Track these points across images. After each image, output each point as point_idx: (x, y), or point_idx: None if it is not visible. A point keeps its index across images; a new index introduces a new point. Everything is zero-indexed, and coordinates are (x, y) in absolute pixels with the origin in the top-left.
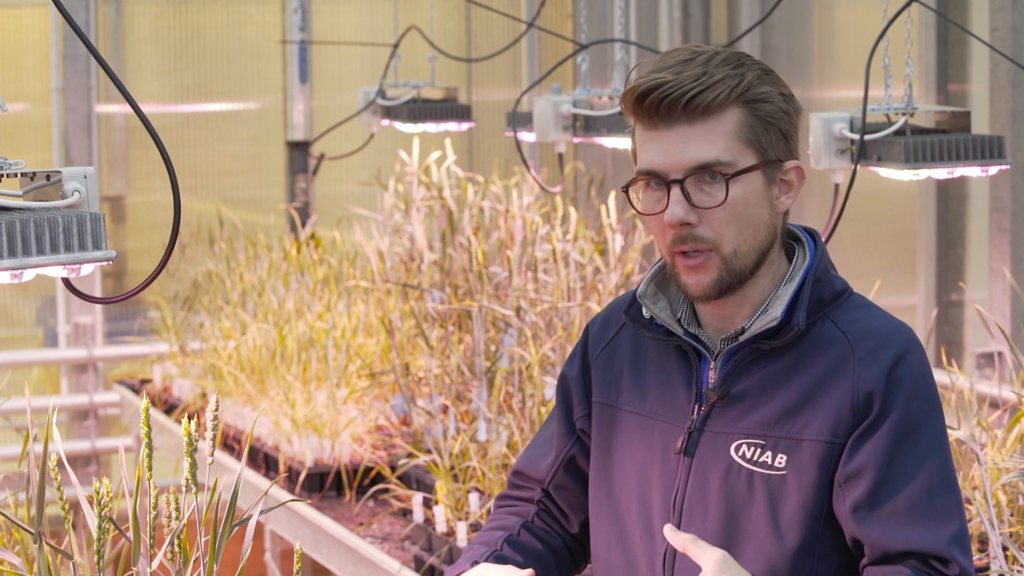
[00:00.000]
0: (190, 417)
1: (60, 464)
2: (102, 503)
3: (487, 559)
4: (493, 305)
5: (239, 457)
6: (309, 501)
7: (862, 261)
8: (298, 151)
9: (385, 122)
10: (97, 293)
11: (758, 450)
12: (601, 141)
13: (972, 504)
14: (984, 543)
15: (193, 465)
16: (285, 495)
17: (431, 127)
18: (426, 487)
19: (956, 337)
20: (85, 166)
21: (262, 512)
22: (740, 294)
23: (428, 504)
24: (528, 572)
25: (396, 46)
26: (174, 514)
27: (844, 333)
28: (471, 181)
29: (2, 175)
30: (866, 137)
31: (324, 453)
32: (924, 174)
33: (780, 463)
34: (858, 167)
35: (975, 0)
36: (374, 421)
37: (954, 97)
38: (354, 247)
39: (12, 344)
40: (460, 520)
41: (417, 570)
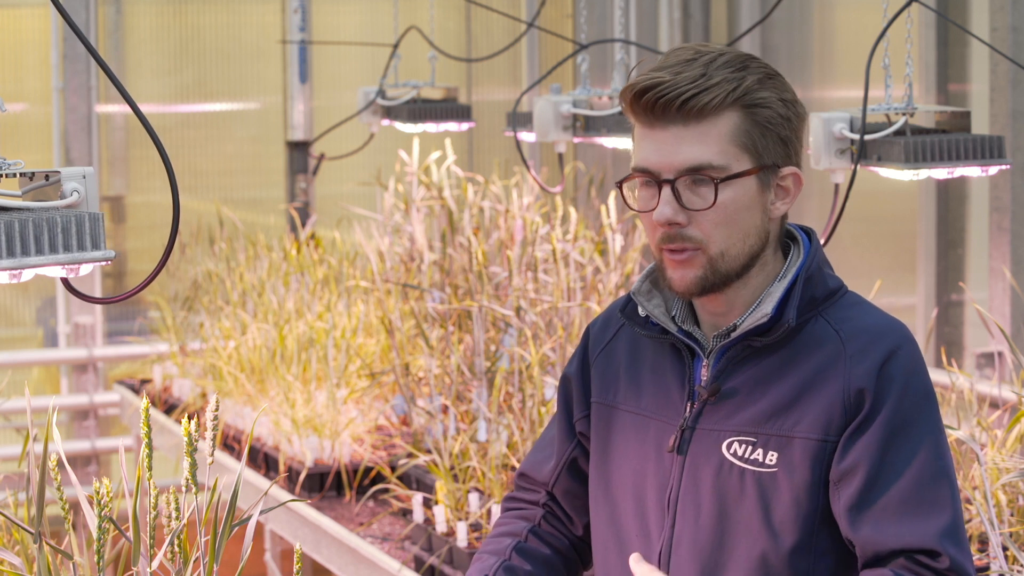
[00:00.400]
0: (190, 417)
1: (60, 464)
2: (102, 503)
3: (496, 571)
4: (493, 305)
5: (239, 457)
6: (309, 501)
7: (862, 261)
8: (298, 151)
9: (385, 122)
10: (97, 293)
11: (749, 447)
12: (601, 141)
13: (972, 504)
14: (984, 543)
15: (193, 465)
16: (285, 495)
17: (431, 127)
18: (426, 487)
19: (956, 337)
20: (85, 166)
21: (262, 512)
22: (732, 291)
23: (428, 504)
24: None
25: (396, 46)
26: (174, 514)
27: (836, 331)
28: (471, 181)
29: (2, 175)
30: (866, 137)
31: (324, 453)
32: (924, 174)
33: (771, 460)
34: (858, 167)
35: (975, 0)
36: (374, 421)
37: (954, 97)
38: (354, 247)
39: (12, 344)
40: (460, 520)
41: (417, 570)
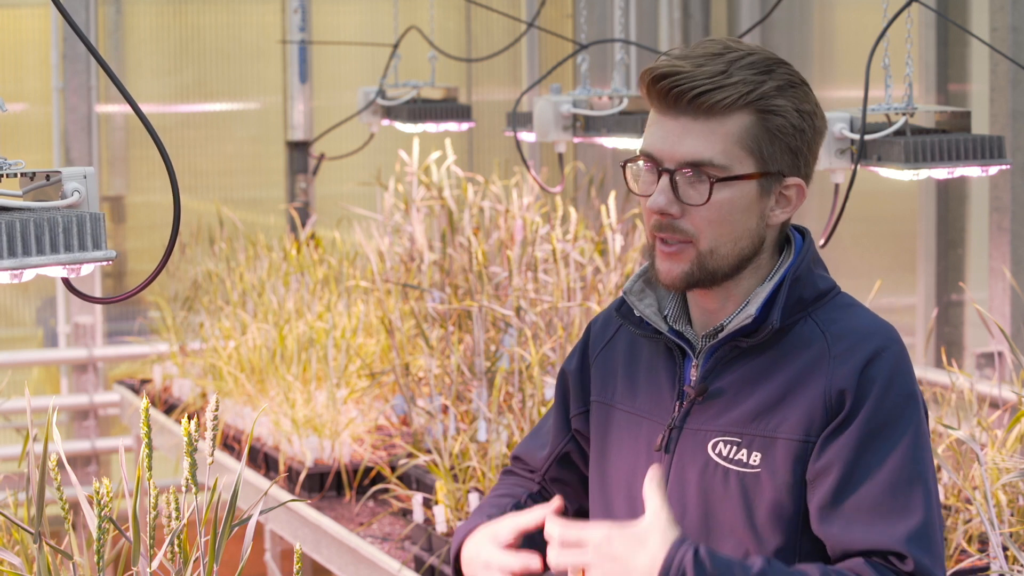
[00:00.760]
0: (190, 417)
1: (60, 464)
2: (102, 503)
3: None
4: (493, 305)
5: (239, 457)
6: (309, 501)
7: (862, 261)
8: (298, 151)
9: (385, 122)
10: (97, 293)
11: (734, 448)
12: (601, 141)
13: (972, 504)
14: (984, 543)
15: (193, 465)
16: (285, 495)
17: (431, 127)
18: (426, 487)
19: (956, 337)
20: (85, 166)
21: (262, 512)
22: (724, 290)
23: (428, 504)
24: (534, 558)
25: (396, 46)
26: (174, 514)
27: (824, 332)
28: (471, 181)
29: (2, 175)
30: (866, 137)
31: (324, 453)
32: (924, 174)
33: (755, 461)
34: (858, 167)
35: (975, 0)
36: (374, 421)
37: (954, 97)
38: (354, 247)
39: (12, 344)
40: (460, 520)
41: (417, 570)
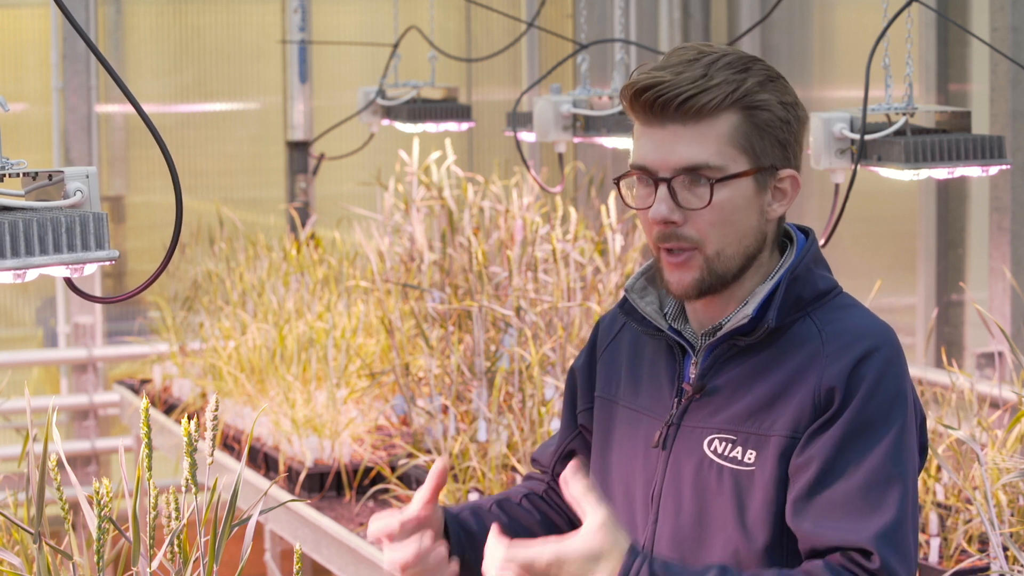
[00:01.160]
0: (190, 417)
1: (60, 464)
2: (102, 503)
3: (464, 510)
4: (493, 305)
5: (239, 457)
6: (309, 501)
7: (862, 261)
8: (298, 151)
9: (385, 122)
10: (97, 293)
11: (729, 445)
12: (601, 141)
13: (972, 504)
14: (984, 543)
15: (193, 465)
16: (285, 495)
17: (431, 127)
18: None
19: (956, 337)
20: (86, 166)
21: (262, 512)
22: (725, 292)
23: None
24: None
25: (396, 46)
26: (174, 514)
27: (820, 331)
28: (471, 181)
29: (4, 175)
30: (866, 137)
31: (324, 453)
32: (924, 174)
33: (749, 459)
34: (858, 167)
35: (975, 0)
36: (374, 421)
37: (954, 97)
38: (354, 247)
39: (12, 344)
40: None
41: None
